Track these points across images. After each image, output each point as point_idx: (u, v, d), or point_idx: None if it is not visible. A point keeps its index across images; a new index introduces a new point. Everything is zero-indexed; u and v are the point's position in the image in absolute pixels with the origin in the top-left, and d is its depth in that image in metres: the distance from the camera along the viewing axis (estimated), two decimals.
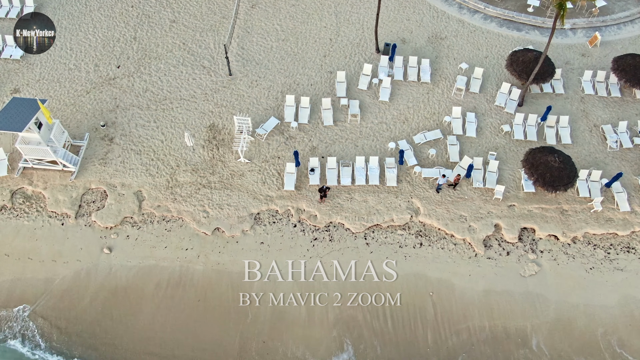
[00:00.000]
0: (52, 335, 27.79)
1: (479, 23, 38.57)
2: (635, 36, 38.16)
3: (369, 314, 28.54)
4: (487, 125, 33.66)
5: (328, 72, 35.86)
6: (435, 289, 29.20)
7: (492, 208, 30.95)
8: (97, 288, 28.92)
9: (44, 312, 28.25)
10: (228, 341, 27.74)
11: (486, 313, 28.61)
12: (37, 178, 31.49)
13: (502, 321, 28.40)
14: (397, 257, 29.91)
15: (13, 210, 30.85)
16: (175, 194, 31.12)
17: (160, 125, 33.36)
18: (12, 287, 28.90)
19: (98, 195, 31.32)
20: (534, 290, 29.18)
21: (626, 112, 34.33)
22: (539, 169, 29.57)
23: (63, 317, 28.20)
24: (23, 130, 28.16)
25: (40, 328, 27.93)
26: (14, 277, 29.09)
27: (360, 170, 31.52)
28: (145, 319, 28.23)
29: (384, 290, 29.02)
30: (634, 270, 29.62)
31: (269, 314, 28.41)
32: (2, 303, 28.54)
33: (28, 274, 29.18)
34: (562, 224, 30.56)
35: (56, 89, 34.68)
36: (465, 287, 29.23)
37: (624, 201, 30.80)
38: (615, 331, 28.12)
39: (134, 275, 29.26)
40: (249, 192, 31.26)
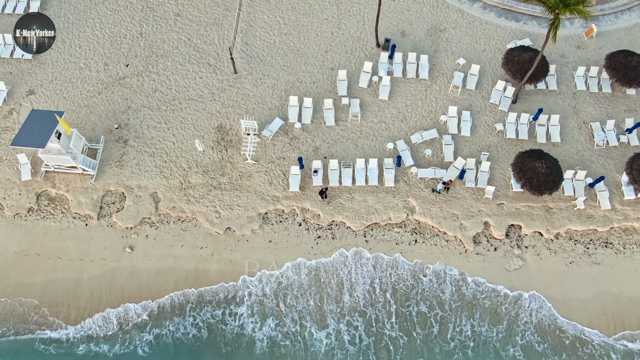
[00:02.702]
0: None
1: (478, 13, 39.16)
2: (631, 25, 38.84)
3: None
4: (481, 124, 35.38)
5: (330, 68, 37.09)
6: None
7: (483, 207, 33.38)
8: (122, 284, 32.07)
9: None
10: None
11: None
12: (59, 181, 33.82)
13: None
14: (393, 253, 32.75)
15: (40, 212, 33.43)
16: (188, 195, 33.53)
17: (171, 126, 35.18)
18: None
19: (117, 197, 33.77)
20: (517, 283, 32.24)
21: (616, 109, 35.86)
22: (527, 173, 31.68)
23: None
24: (45, 147, 30.16)
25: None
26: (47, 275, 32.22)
27: (361, 171, 33.67)
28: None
29: None
30: (610, 264, 32.47)
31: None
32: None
33: (59, 272, 32.23)
34: (546, 221, 33.09)
35: (69, 89, 36.19)
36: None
37: (605, 199, 33.12)
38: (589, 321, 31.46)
39: (155, 273, 32.29)
40: (257, 193, 33.63)
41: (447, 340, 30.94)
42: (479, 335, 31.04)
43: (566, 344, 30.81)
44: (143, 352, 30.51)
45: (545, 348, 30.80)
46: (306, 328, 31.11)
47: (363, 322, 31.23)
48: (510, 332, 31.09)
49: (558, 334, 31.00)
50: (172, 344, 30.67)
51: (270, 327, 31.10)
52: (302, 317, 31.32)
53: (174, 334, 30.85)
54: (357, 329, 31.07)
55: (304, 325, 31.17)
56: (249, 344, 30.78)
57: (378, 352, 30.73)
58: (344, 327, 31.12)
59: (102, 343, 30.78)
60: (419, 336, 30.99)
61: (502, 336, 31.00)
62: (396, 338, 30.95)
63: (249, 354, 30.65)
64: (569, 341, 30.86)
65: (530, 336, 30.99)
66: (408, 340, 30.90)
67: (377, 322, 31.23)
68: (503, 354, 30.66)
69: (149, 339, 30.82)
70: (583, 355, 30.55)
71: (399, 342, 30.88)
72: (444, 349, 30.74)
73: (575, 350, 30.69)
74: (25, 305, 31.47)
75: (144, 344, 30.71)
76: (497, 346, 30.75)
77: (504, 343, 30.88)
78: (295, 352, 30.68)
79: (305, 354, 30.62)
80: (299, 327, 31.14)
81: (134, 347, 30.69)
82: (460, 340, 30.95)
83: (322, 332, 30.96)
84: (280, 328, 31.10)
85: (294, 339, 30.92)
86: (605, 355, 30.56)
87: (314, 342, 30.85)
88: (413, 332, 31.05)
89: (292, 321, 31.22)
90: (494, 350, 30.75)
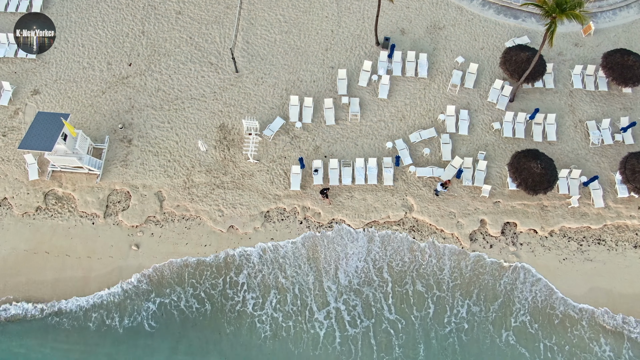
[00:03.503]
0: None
1: (477, 10, 39.44)
2: (629, 22, 39.16)
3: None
4: (478, 122, 35.99)
5: (330, 67, 37.57)
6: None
7: (479, 205, 34.21)
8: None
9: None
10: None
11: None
12: (66, 180, 34.65)
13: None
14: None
15: (47, 211, 34.33)
16: (192, 194, 34.37)
17: (174, 126, 35.85)
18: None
19: (122, 196, 34.62)
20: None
21: (611, 107, 36.42)
22: (522, 174, 32.43)
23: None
24: (52, 149, 30.91)
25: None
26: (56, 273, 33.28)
27: (360, 170, 34.43)
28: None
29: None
30: (602, 261, 33.42)
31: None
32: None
33: (68, 270, 33.26)
34: (541, 219, 33.94)
35: (73, 89, 36.77)
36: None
37: (599, 197, 33.92)
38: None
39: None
40: (258, 191, 34.45)
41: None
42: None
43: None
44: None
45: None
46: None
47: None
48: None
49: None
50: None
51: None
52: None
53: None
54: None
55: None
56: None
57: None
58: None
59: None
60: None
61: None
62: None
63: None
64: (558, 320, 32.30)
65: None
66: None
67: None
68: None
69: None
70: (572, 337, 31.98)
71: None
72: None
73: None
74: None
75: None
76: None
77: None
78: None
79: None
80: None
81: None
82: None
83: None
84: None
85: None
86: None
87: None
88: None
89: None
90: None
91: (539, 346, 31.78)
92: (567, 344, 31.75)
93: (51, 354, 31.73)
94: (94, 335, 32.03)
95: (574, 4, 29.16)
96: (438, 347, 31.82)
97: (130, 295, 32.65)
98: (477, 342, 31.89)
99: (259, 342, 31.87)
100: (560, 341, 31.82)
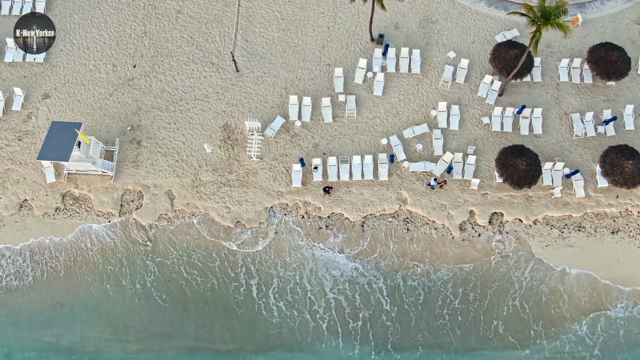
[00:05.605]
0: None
1: (469, 3, 40.50)
2: (616, 12, 40.31)
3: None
4: (469, 117, 37.90)
5: (326, 64, 39.08)
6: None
7: (469, 197, 36.66)
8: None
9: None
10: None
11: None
12: (81, 182, 36.93)
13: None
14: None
15: (66, 211, 36.80)
16: (200, 193, 36.74)
17: (180, 126, 37.78)
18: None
19: (135, 196, 37.00)
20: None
21: (596, 99, 38.22)
22: (509, 170, 34.68)
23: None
24: (69, 159, 33.05)
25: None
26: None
27: (357, 166, 36.66)
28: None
29: None
30: (582, 247, 36.22)
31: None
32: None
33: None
34: (526, 208, 36.49)
35: (82, 92, 38.45)
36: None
37: (580, 188, 36.33)
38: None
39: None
40: (262, 188, 36.81)
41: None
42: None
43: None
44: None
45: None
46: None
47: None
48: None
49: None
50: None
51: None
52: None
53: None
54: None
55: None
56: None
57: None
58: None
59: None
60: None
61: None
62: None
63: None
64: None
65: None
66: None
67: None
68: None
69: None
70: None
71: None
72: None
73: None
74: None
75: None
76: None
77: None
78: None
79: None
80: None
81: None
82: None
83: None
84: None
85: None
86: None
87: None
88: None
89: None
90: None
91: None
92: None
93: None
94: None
95: (558, 13, 30.53)
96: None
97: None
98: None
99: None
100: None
